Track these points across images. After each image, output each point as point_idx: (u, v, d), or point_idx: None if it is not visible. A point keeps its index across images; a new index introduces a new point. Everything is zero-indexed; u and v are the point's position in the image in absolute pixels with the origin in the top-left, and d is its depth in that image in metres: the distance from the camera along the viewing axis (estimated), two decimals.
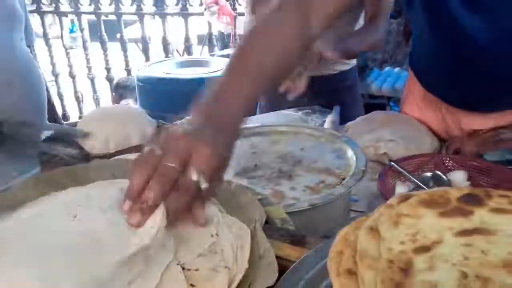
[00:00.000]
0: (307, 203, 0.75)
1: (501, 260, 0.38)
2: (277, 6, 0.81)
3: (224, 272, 0.46)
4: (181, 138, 0.54)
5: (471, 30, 1.02)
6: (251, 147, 0.99)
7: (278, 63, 0.77)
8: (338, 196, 0.77)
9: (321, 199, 0.76)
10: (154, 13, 3.28)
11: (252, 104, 0.72)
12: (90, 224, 0.47)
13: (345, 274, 0.39)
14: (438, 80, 1.22)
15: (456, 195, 0.45)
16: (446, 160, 1.04)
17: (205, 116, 0.62)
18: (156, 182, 0.49)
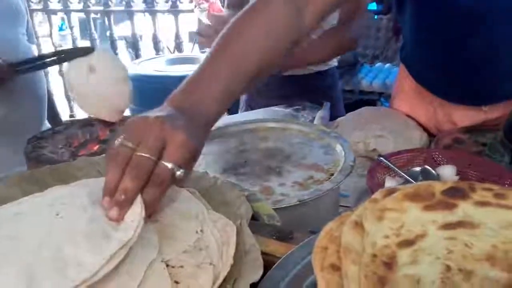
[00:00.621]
0: (296, 199, 0.75)
1: (484, 253, 0.38)
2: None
3: (209, 268, 0.46)
4: (155, 125, 0.52)
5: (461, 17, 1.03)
6: (240, 143, 0.98)
7: (264, 55, 0.74)
8: (327, 191, 0.77)
9: (309, 195, 0.76)
10: (144, 10, 3.26)
11: (229, 98, 0.69)
12: (72, 221, 0.46)
13: (329, 269, 0.39)
14: (428, 73, 1.22)
15: (440, 188, 0.45)
16: (435, 155, 1.05)
17: (179, 105, 0.61)
18: (130, 175, 0.48)
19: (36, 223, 0.48)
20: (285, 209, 0.74)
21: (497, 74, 1.09)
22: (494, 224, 0.41)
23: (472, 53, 1.08)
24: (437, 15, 1.10)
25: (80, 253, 0.42)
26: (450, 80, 1.17)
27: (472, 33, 1.06)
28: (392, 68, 2.54)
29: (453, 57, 1.12)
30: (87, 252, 0.42)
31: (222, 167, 0.89)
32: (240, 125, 1.05)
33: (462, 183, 0.46)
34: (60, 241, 0.44)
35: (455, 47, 1.10)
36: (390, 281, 0.36)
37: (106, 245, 0.41)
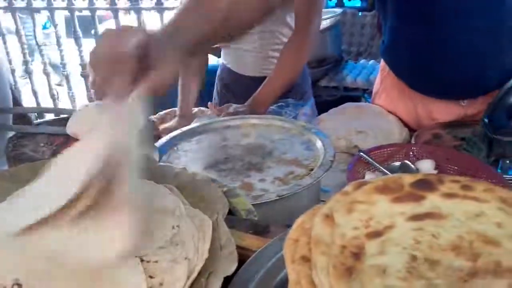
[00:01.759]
0: (275, 194, 0.76)
1: (450, 243, 0.39)
2: None
3: (184, 263, 0.46)
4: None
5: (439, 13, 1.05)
6: (222, 139, 0.99)
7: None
8: (306, 186, 0.78)
9: (289, 190, 0.77)
10: (129, 8, 3.23)
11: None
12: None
13: (300, 260, 0.40)
14: (408, 68, 1.24)
15: (409, 181, 0.46)
16: (415, 150, 1.06)
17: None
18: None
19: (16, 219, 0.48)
20: (265, 204, 0.75)
21: (475, 69, 1.12)
22: (461, 215, 0.42)
23: (451, 49, 1.10)
24: (417, 11, 1.12)
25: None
26: (429, 76, 1.19)
27: (450, 29, 1.07)
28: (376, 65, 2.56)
29: (432, 53, 1.13)
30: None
31: (204, 163, 0.89)
32: (223, 121, 1.06)
33: (430, 176, 0.47)
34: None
35: (434, 42, 1.12)
36: (357, 270, 0.37)
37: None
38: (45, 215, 0.47)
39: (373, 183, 0.46)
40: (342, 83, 2.51)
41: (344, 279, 0.36)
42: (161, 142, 0.95)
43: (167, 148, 0.94)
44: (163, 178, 0.61)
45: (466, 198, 0.44)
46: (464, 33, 1.07)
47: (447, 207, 0.43)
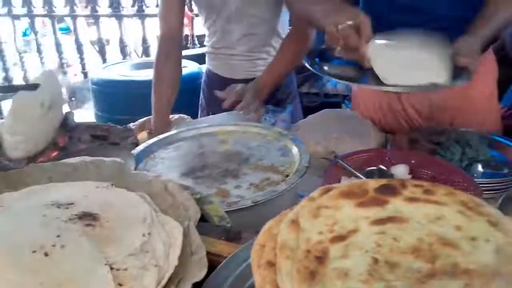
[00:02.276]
0: (250, 201, 0.76)
1: (410, 246, 0.41)
2: None
3: (153, 270, 0.47)
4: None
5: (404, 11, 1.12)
6: (199, 147, 0.99)
7: None
8: (281, 192, 0.79)
9: (264, 196, 0.78)
10: (110, 14, 3.23)
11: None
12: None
13: (265, 265, 0.41)
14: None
15: (374, 186, 0.47)
16: (390, 155, 1.08)
17: None
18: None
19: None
20: (240, 210, 0.75)
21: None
22: (422, 219, 0.44)
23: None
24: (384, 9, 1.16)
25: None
26: None
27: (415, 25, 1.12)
28: None
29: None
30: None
31: (181, 170, 0.90)
32: (200, 128, 1.06)
33: (394, 181, 0.48)
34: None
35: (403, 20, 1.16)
36: (320, 274, 0.38)
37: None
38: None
39: (338, 188, 0.48)
40: (322, 89, 2.54)
41: (307, 282, 0.37)
42: (137, 150, 0.95)
43: (143, 156, 0.94)
44: (136, 186, 0.62)
45: (427, 202, 0.45)
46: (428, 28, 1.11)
47: (409, 211, 0.45)
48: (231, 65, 1.54)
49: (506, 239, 0.40)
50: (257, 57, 1.52)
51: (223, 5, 1.42)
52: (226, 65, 1.56)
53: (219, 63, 1.59)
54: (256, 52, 1.51)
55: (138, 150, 0.95)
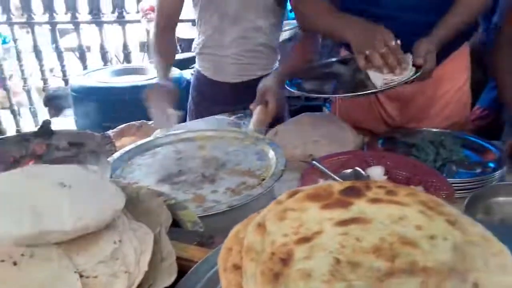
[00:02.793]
0: (226, 205, 0.77)
1: (372, 245, 0.42)
2: None
3: (123, 277, 0.47)
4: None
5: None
6: (176, 153, 1.00)
7: None
8: (257, 196, 0.80)
9: (239, 200, 0.79)
10: (90, 21, 3.21)
11: None
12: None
13: (231, 269, 0.41)
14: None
15: (339, 188, 0.48)
16: (367, 157, 1.10)
17: None
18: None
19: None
20: (216, 215, 0.76)
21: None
22: (384, 219, 0.45)
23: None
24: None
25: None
26: None
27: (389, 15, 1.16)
28: None
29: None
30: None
31: (157, 177, 0.90)
32: (178, 134, 1.07)
33: (359, 183, 0.50)
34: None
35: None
36: (284, 275, 0.39)
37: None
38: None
39: (305, 191, 0.49)
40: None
41: (271, 284, 0.38)
42: (114, 157, 0.95)
43: (120, 163, 0.94)
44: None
45: (390, 203, 0.46)
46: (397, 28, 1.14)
47: (372, 211, 0.46)
48: (221, 67, 1.55)
49: (463, 237, 0.41)
50: (246, 62, 1.53)
51: (223, 2, 1.43)
52: (215, 67, 1.56)
53: (209, 64, 1.59)
54: (246, 57, 1.53)
55: (115, 157, 0.95)
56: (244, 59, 1.52)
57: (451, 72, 1.30)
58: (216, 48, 1.52)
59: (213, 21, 1.48)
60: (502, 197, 0.81)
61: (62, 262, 0.47)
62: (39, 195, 0.52)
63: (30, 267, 0.46)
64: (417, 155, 1.10)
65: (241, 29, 1.46)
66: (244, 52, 1.51)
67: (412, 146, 1.16)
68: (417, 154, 1.11)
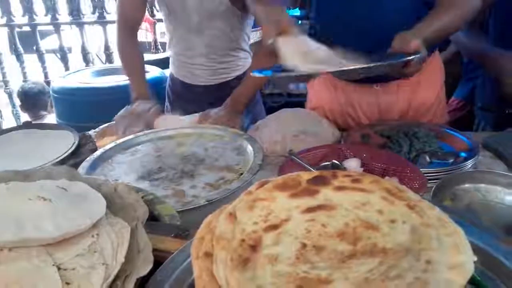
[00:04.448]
0: (204, 200, 0.79)
1: (336, 230, 0.44)
2: None
3: (101, 268, 0.49)
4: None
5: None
6: (156, 150, 1.01)
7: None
8: (234, 190, 0.82)
9: (218, 195, 0.80)
10: (71, 22, 3.19)
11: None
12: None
13: (203, 256, 0.43)
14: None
15: (306, 178, 0.51)
16: (344, 150, 1.12)
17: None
18: None
19: None
20: (195, 209, 0.78)
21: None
22: (349, 205, 0.47)
23: (366, 37, 1.18)
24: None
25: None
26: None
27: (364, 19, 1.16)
28: None
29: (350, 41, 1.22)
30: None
31: (137, 174, 0.91)
32: (158, 132, 1.08)
33: (326, 172, 0.52)
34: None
35: (351, 31, 1.20)
36: (252, 261, 0.41)
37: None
38: None
39: (274, 181, 0.51)
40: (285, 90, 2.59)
41: (239, 269, 0.40)
42: (95, 155, 0.96)
43: (101, 161, 0.95)
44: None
45: (355, 190, 0.49)
46: (377, 24, 1.16)
47: (338, 198, 0.48)
48: (192, 72, 1.56)
49: (421, 220, 0.43)
50: (217, 67, 1.55)
51: (185, 16, 1.44)
52: (187, 72, 1.58)
53: (181, 69, 1.60)
54: (217, 62, 1.54)
55: (96, 156, 0.96)
56: (215, 65, 1.54)
57: (427, 79, 1.33)
58: (186, 57, 1.54)
59: (180, 33, 1.50)
60: (468, 184, 0.85)
61: (41, 257, 0.48)
62: (22, 208, 0.54)
63: (9, 261, 0.47)
64: (392, 147, 1.13)
65: (208, 38, 1.48)
66: (214, 59, 1.53)
67: (387, 138, 1.19)
68: (392, 146, 1.14)
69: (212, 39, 1.48)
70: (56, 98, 2.27)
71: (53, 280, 0.46)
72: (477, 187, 0.84)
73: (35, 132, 1.14)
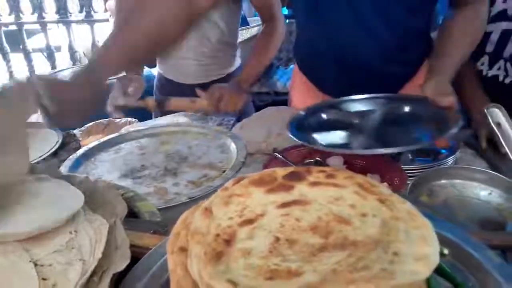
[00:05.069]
0: (186, 197, 0.79)
1: (310, 224, 0.45)
2: None
3: (78, 264, 0.49)
4: None
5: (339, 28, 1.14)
6: (140, 148, 1.02)
7: (153, 43, 0.90)
8: (216, 187, 0.82)
9: (200, 192, 0.81)
10: (57, 21, 3.17)
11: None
12: None
13: (178, 251, 0.44)
14: (316, 71, 1.34)
15: (282, 173, 0.51)
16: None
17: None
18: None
19: None
20: (177, 206, 0.78)
21: (374, 77, 1.22)
22: (323, 200, 0.48)
23: (355, 57, 1.20)
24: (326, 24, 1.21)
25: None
26: (329, 77, 1.29)
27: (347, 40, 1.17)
28: None
29: (337, 61, 1.23)
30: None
31: (120, 172, 0.91)
32: (142, 130, 1.08)
33: (301, 168, 0.53)
34: None
35: (339, 51, 1.21)
36: (226, 255, 0.42)
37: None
38: None
39: (250, 177, 0.52)
40: (273, 88, 2.60)
41: (213, 262, 0.41)
42: (78, 154, 0.96)
43: (84, 160, 0.95)
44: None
45: (329, 185, 0.50)
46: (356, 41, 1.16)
47: (313, 194, 0.49)
48: (181, 70, 1.56)
49: (391, 214, 0.44)
50: (207, 62, 1.55)
51: None
52: (176, 70, 1.57)
53: (170, 67, 1.60)
54: (206, 57, 1.54)
55: (79, 154, 0.96)
56: (204, 60, 1.54)
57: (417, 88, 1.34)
58: (175, 51, 1.53)
59: None
60: (444, 180, 0.86)
61: (17, 253, 0.48)
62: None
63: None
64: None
65: (201, 29, 1.47)
66: (204, 53, 1.52)
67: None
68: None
69: (205, 30, 1.48)
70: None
71: (30, 276, 0.46)
72: (453, 183, 0.85)
73: None
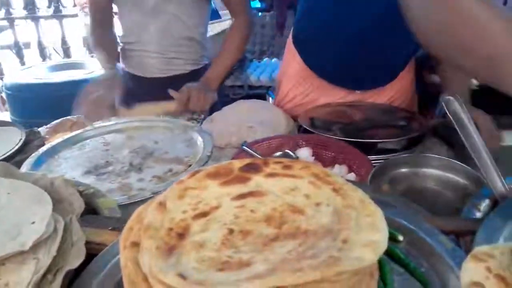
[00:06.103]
0: (150, 192, 0.79)
1: (265, 215, 0.45)
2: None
3: (32, 263, 0.48)
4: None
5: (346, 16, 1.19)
6: (104, 144, 1.00)
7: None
8: None
9: (164, 187, 0.80)
10: (25, 17, 3.09)
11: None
12: None
13: (130, 246, 0.43)
14: (319, 59, 1.36)
15: (238, 165, 0.51)
16: (297, 140, 1.14)
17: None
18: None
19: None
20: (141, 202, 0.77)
21: (375, 66, 1.27)
22: (279, 191, 0.48)
23: (361, 47, 1.21)
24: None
25: None
26: (337, 67, 1.32)
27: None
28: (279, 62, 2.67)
29: (342, 49, 1.25)
30: None
31: (83, 169, 0.90)
32: (107, 126, 1.06)
33: (258, 160, 0.53)
34: None
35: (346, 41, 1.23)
36: (178, 248, 0.41)
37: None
38: None
39: (206, 170, 0.51)
40: (246, 81, 2.60)
41: (164, 257, 0.40)
42: (41, 151, 0.94)
43: (47, 157, 0.93)
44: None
45: (285, 176, 0.50)
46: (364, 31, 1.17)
47: (269, 185, 0.49)
48: (144, 63, 1.54)
49: (343, 202, 0.45)
50: (170, 56, 1.53)
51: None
52: (139, 63, 1.55)
53: (132, 61, 1.57)
54: (169, 51, 1.52)
55: (41, 152, 0.94)
56: (168, 53, 1.52)
57: (400, 91, 1.37)
58: (138, 44, 1.51)
59: (132, 16, 1.47)
60: (406, 168, 0.87)
61: None
62: None
63: None
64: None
65: (162, 22, 1.46)
66: (167, 46, 1.50)
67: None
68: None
69: (167, 23, 1.46)
70: (9, 95, 2.20)
71: None
72: (414, 171, 0.86)
73: None
